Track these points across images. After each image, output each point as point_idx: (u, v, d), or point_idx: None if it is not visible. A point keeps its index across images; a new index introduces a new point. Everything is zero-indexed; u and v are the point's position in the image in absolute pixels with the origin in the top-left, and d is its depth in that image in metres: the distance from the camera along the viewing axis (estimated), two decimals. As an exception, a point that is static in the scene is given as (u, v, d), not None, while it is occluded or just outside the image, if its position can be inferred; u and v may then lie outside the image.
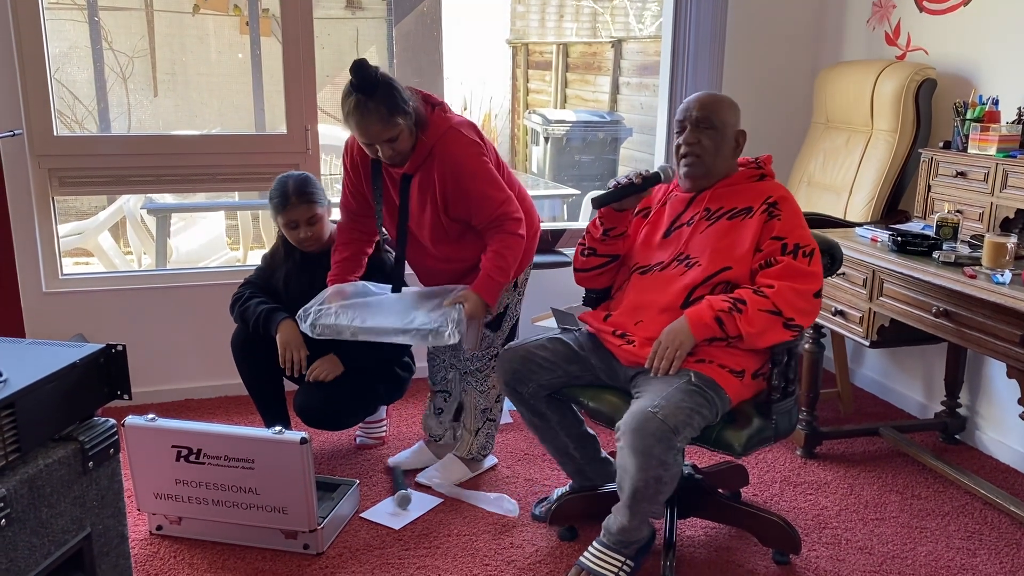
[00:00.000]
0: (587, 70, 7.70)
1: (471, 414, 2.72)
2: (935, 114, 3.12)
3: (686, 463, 2.41)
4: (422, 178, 2.40)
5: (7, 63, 3.00)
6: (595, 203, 2.25)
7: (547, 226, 3.43)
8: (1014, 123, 2.69)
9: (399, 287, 2.57)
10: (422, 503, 2.59)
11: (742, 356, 2.14)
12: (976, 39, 3.02)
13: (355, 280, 2.58)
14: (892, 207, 3.18)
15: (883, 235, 2.70)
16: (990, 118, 2.75)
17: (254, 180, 3.46)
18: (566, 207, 5.57)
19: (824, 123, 3.52)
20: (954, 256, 2.43)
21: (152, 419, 2.30)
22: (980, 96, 2.83)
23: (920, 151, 3.01)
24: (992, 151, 2.68)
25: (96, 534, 1.68)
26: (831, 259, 2.30)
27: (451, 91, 7.46)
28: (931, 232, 2.63)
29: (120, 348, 1.72)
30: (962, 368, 3.04)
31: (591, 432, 2.44)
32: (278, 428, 2.25)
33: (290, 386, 2.81)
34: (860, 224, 2.98)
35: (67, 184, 3.22)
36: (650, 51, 7.06)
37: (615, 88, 7.21)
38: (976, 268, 2.34)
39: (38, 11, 3.03)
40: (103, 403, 1.72)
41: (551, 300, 3.27)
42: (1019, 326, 2.14)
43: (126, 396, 1.74)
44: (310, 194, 2.60)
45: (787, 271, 2.12)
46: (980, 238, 2.49)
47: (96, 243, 4.90)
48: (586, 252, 2.37)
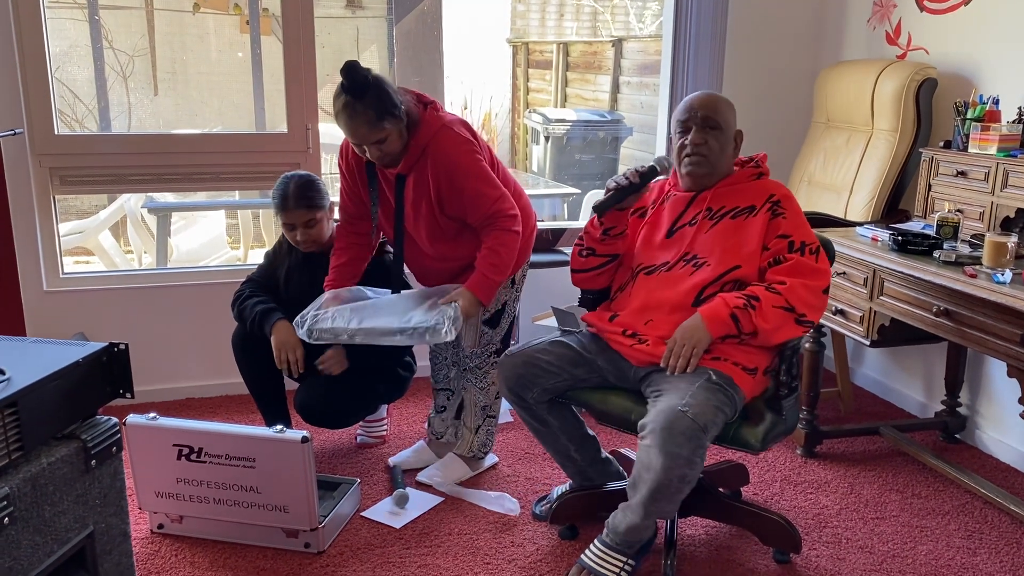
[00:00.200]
0: (587, 69, 7.70)
1: (471, 411, 2.73)
2: (936, 114, 3.12)
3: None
4: (417, 177, 2.41)
5: (8, 62, 3.00)
6: (598, 210, 2.25)
7: (547, 225, 3.44)
8: (1014, 122, 2.69)
9: (398, 287, 2.57)
10: (423, 502, 2.59)
11: (755, 353, 2.16)
12: (977, 39, 3.02)
13: (351, 286, 2.58)
14: (893, 206, 3.18)
15: (884, 234, 2.70)
16: (990, 117, 2.75)
17: (255, 179, 3.47)
18: (566, 206, 5.57)
19: (825, 122, 3.52)
20: (955, 255, 2.44)
21: (153, 418, 2.30)
22: (980, 96, 2.83)
23: (921, 151, 3.01)
24: (992, 150, 2.68)
25: (99, 532, 1.68)
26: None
27: (451, 90, 7.45)
28: (932, 231, 2.63)
29: (123, 347, 1.72)
30: (962, 367, 3.04)
31: (591, 433, 2.44)
32: (279, 427, 2.25)
33: (291, 384, 2.81)
34: (861, 223, 2.98)
35: (68, 183, 3.23)
36: (650, 50, 7.06)
37: (615, 87, 7.21)
38: (977, 267, 2.34)
39: (39, 10, 3.03)
40: (105, 402, 1.72)
41: (552, 299, 3.27)
42: (1019, 325, 2.15)
43: (128, 395, 1.74)
44: (309, 198, 2.59)
45: (797, 268, 2.14)
46: (980, 237, 2.49)
47: (97, 242, 4.90)
48: (585, 252, 2.37)
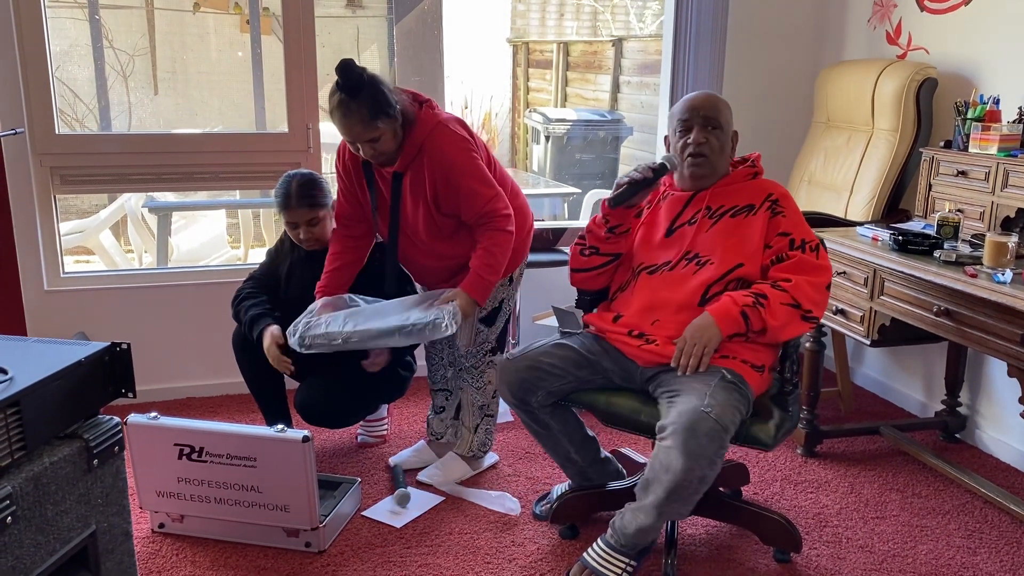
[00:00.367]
0: (588, 69, 7.70)
1: (468, 411, 2.73)
2: (936, 113, 3.13)
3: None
4: (413, 176, 2.41)
5: (9, 61, 3.01)
6: (613, 203, 2.24)
7: (548, 224, 3.44)
8: (1015, 122, 2.69)
9: (394, 279, 2.57)
10: (423, 501, 2.60)
11: (761, 351, 2.18)
12: (977, 38, 3.02)
13: (344, 292, 2.57)
14: (893, 206, 3.18)
15: (884, 234, 2.70)
16: (991, 117, 2.75)
17: (255, 179, 3.47)
18: (567, 205, 5.57)
19: (825, 122, 3.52)
20: (955, 255, 2.44)
21: (154, 417, 2.31)
22: (981, 95, 2.83)
23: (921, 150, 3.02)
24: (993, 150, 2.69)
25: (101, 531, 1.68)
26: None
27: (452, 90, 7.45)
28: (932, 231, 2.63)
29: (125, 346, 1.72)
30: (962, 367, 3.04)
31: (591, 434, 2.44)
32: (280, 426, 2.25)
33: (291, 384, 2.81)
34: (861, 223, 2.98)
35: (69, 182, 3.23)
36: (651, 50, 7.06)
37: (616, 87, 7.21)
38: (977, 267, 2.34)
39: (40, 9, 3.03)
40: (107, 401, 1.72)
41: (552, 299, 3.28)
42: (1020, 325, 2.15)
43: (130, 394, 1.74)
44: (312, 196, 2.60)
45: (800, 265, 2.16)
46: (981, 237, 2.49)
47: (97, 241, 4.90)
48: (587, 251, 2.36)
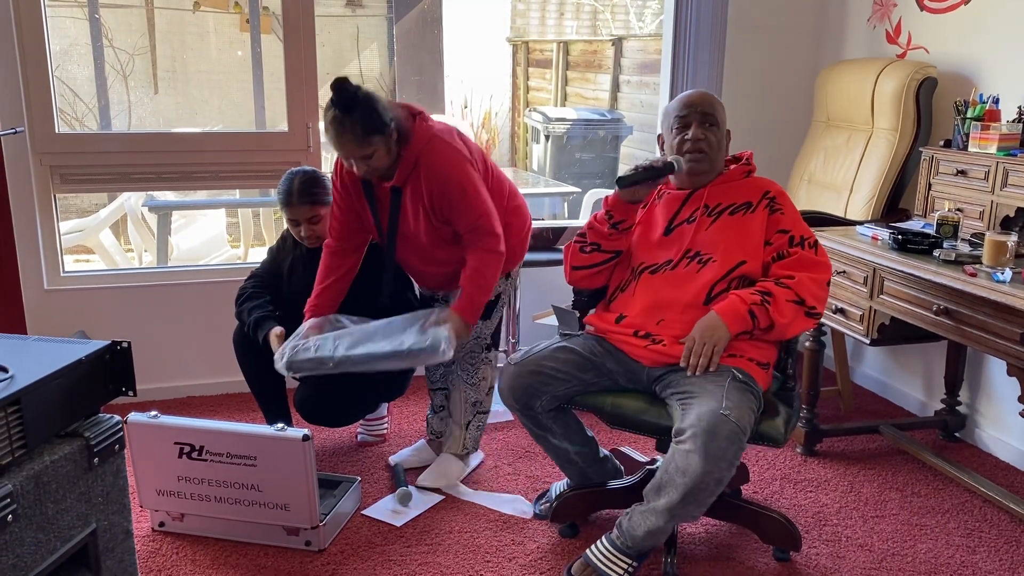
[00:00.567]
0: (587, 68, 7.70)
1: (460, 408, 2.72)
2: (936, 113, 3.13)
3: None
4: (412, 189, 2.41)
5: (9, 60, 3.01)
6: (622, 183, 2.20)
7: (548, 224, 3.44)
8: (1014, 122, 2.69)
9: (390, 287, 2.57)
10: (423, 500, 2.60)
11: (765, 348, 2.19)
12: (977, 38, 3.02)
13: (332, 312, 2.56)
14: (893, 205, 3.18)
15: (884, 233, 2.71)
16: (990, 117, 2.75)
17: (255, 178, 3.47)
18: (566, 205, 5.57)
19: (825, 121, 3.52)
20: (954, 254, 2.44)
21: (155, 416, 2.31)
22: (980, 95, 2.84)
23: (921, 149, 3.02)
24: (992, 149, 2.69)
25: (101, 530, 1.68)
26: None
27: (451, 89, 7.46)
28: (931, 230, 2.63)
29: (125, 345, 1.72)
30: (962, 366, 3.04)
31: (590, 434, 2.44)
32: (280, 425, 2.25)
33: (291, 383, 2.81)
34: (861, 222, 2.99)
35: (69, 181, 3.23)
36: (650, 49, 7.06)
37: (615, 86, 7.22)
38: (976, 266, 2.34)
39: (40, 8, 3.03)
40: (108, 400, 1.72)
41: (552, 298, 3.28)
42: (1019, 324, 2.15)
43: (131, 393, 1.74)
44: (314, 194, 2.60)
45: (802, 262, 2.17)
46: (980, 236, 2.49)
47: (97, 240, 4.90)
48: (588, 248, 2.34)
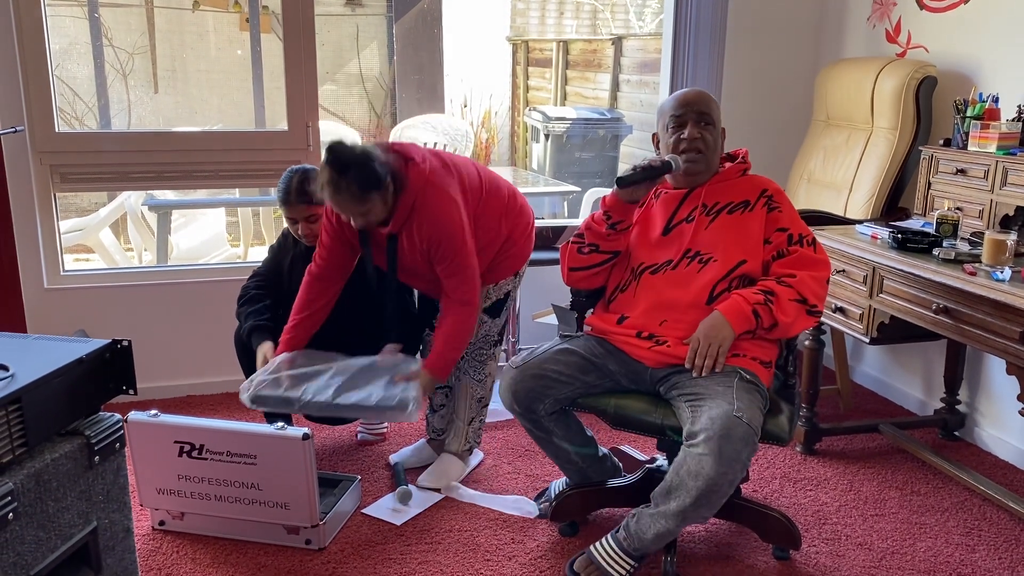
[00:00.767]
0: (587, 67, 7.70)
1: (465, 404, 2.71)
2: (935, 111, 3.13)
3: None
4: (407, 234, 2.41)
5: (9, 59, 3.01)
6: (621, 183, 2.19)
7: (548, 223, 3.44)
8: (1014, 120, 2.69)
9: (392, 301, 2.56)
10: (423, 499, 2.60)
11: (767, 347, 2.19)
12: (976, 37, 3.03)
13: (304, 348, 2.54)
14: (892, 204, 3.18)
15: (883, 232, 2.71)
16: (990, 115, 2.75)
17: (255, 177, 3.47)
18: (566, 204, 5.57)
19: (824, 120, 3.52)
20: (954, 253, 2.44)
21: (155, 415, 2.31)
22: (980, 94, 2.84)
23: (920, 148, 3.02)
24: (992, 148, 2.69)
25: (102, 528, 1.68)
26: None
27: (451, 88, 7.46)
28: (931, 229, 2.63)
29: (126, 343, 1.72)
30: (961, 365, 3.05)
31: (589, 434, 2.44)
32: (280, 424, 2.26)
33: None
34: (860, 221, 2.99)
35: (68, 180, 3.23)
36: (650, 48, 7.06)
37: (615, 85, 7.22)
38: (976, 265, 2.35)
39: (39, 8, 3.03)
40: (108, 398, 1.72)
41: (552, 297, 3.28)
42: (1018, 323, 2.15)
43: (131, 391, 1.74)
44: (312, 193, 2.59)
45: (802, 260, 2.18)
46: (980, 235, 2.50)
47: (97, 239, 4.90)
48: (587, 249, 2.33)
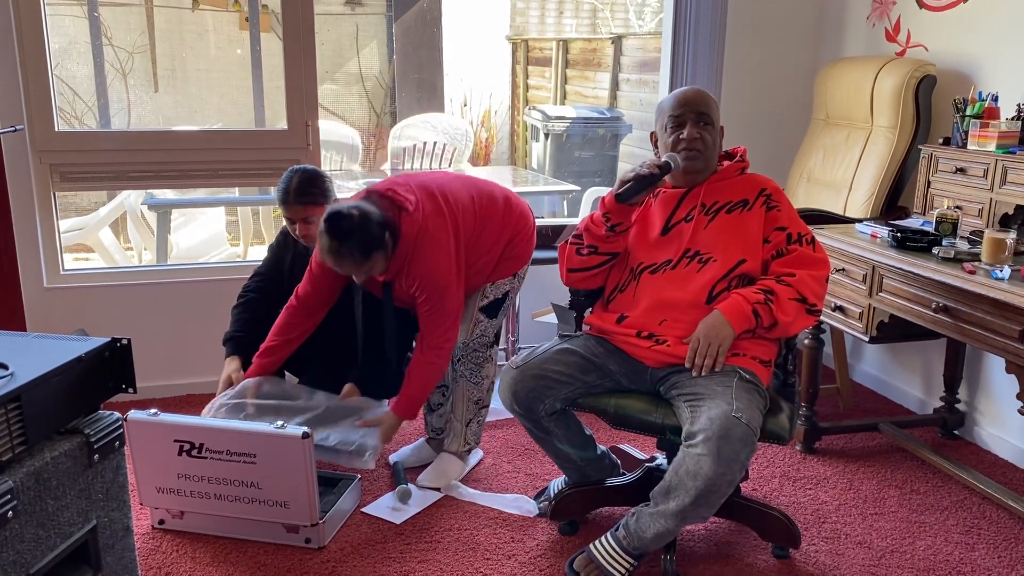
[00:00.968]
0: (587, 66, 7.70)
1: (462, 406, 2.72)
2: (935, 110, 3.13)
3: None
4: (400, 278, 2.42)
5: (8, 58, 3.00)
6: (620, 199, 2.19)
7: (547, 222, 3.44)
8: (1013, 119, 2.69)
9: (392, 322, 2.57)
10: (423, 498, 2.60)
11: (766, 346, 2.20)
12: (976, 36, 3.03)
13: (274, 375, 2.56)
14: (892, 203, 3.18)
15: (883, 231, 2.71)
16: (989, 114, 2.75)
17: (254, 176, 3.47)
18: (566, 203, 5.57)
19: (824, 119, 3.52)
20: (953, 252, 2.44)
21: (154, 414, 2.31)
22: (980, 92, 2.84)
23: (920, 147, 3.02)
24: (991, 147, 2.69)
25: (101, 526, 1.68)
26: None
27: (451, 87, 7.46)
28: (931, 228, 2.63)
29: (125, 342, 1.72)
30: (961, 364, 3.05)
31: (588, 433, 2.44)
32: (280, 423, 2.26)
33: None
34: (860, 220, 2.99)
35: (68, 179, 3.23)
36: (650, 47, 7.07)
37: (615, 84, 7.22)
38: (975, 264, 2.35)
39: (39, 7, 3.03)
40: (108, 397, 1.72)
41: (551, 296, 3.28)
42: (1018, 321, 2.15)
43: (131, 390, 1.74)
44: (310, 194, 2.56)
45: (801, 259, 2.18)
46: (979, 234, 2.50)
47: (97, 239, 4.90)
48: (586, 250, 2.33)
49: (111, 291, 3.30)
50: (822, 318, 2.88)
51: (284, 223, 2.73)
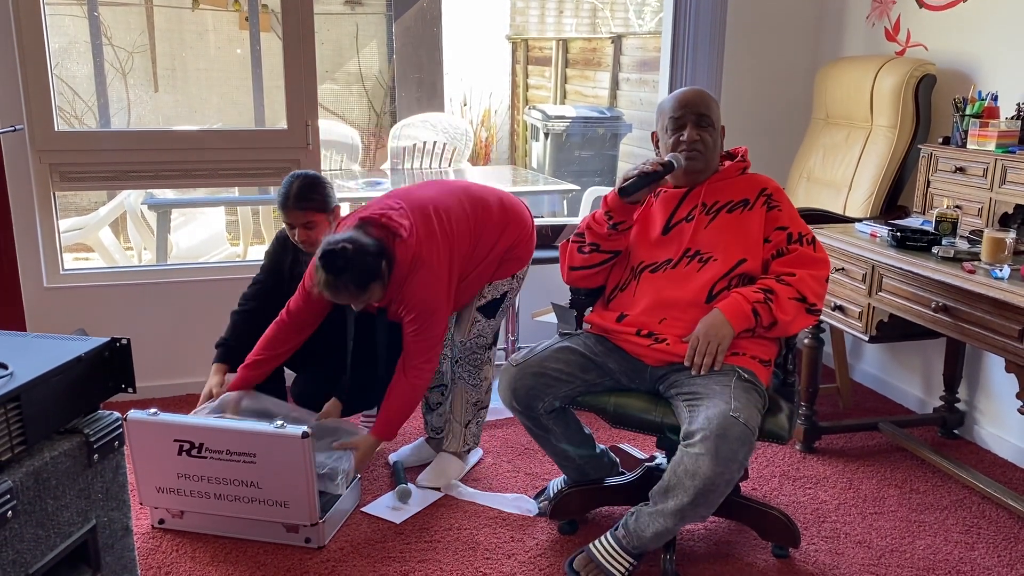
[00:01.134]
0: (587, 66, 7.70)
1: (461, 407, 2.72)
2: (934, 110, 3.13)
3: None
4: (396, 302, 2.43)
5: (8, 58, 3.00)
6: (623, 194, 2.18)
7: (547, 221, 3.44)
8: (1013, 119, 2.69)
9: (384, 335, 2.58)
10: (422, 498, 2.60)
11: (766, 345, 2.20)
12: (975, 35, 3.03)
13: (257, 388, 2.55)
14: (891, 203, 3.18)
15: (882, 230, 2.71)
16: (989, 114, 2.75)
17: (254, 175, 3.47)
18: (566, 202, 5.57)
19: (824, 119, 3.52)
20: (953, 251, 2.44)
21: (154, 413, 2.31)
22: (979, 92, 2.84)
23: (919, 147, 3.02)
24: (991, 147, 2.69)
25: (101, 526, 1.69)
26: None
27: (450, 87, 7.46)
28: (930, 227, 2.63)
29: (125, 342, 1.72)
30: (961, 363, 3.05)
31: (588, 431, 2.44)
32: (279, 422, 2.26)
33: (290, 378, 2.82)
34: (860, 220, 2.99)
35: (68, 179, 3.23)
36: (649, 47, 7.07)
37: (615, 84, 7.22)
38: (975, 263, 2.35)
39: (39, 6, 3.03)
40: (107, 396, 1.72)
41: (551, 295, 3.28)
42: (1018, 321, 2.15)
43: (130, 390, 1.74)
44: (309, 200, 2.56)
45: (801, 259, 2.18)
46: (979, 233, 2.50)
47: (97, 238, 4.90)
48: (588, 249, 2.33)
49: (111, 291, 3.30)
50: (822, 317, 2.88)
51: (283, 226, 2.73)
